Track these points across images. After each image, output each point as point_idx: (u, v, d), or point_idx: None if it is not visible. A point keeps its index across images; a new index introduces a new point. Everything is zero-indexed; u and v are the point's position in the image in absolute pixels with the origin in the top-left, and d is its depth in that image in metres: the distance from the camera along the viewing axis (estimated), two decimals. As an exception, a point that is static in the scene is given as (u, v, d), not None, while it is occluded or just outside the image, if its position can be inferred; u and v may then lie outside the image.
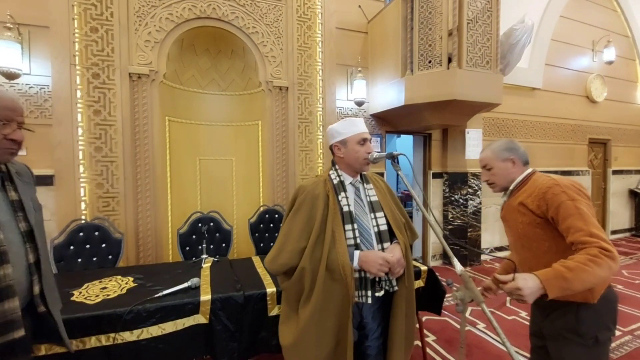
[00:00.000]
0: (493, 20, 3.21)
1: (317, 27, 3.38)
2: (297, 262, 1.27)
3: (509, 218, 1.32)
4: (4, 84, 2.65)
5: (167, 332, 1.50)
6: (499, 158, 1.30)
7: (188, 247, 2.63)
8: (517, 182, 1.28)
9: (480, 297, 0.81)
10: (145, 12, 2.77)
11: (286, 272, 1.31)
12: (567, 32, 5.31)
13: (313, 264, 1.25)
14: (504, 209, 1.35)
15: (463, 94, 3.10)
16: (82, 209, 2.58)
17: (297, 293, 1.30)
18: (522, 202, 1.23)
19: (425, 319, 2.74)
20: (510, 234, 1.36)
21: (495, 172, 1.32)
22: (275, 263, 1.31)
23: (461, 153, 4.29)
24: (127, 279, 1.84)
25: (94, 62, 2.61)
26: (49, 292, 1.08)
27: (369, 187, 1.44)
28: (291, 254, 1.28)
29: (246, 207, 3.27)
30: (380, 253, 1.28)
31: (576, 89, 5.53)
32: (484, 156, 1.35)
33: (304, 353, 1.27)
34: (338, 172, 1.41)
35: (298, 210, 1.34)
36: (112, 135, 2.66)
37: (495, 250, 4.85)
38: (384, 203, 1.43)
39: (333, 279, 1.24)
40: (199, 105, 3.29)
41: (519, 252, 1.32)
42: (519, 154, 1.29)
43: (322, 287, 1.23)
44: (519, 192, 1.27)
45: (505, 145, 1.32)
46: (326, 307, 1.23)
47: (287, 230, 1.34)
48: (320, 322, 1.24)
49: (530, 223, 1.19)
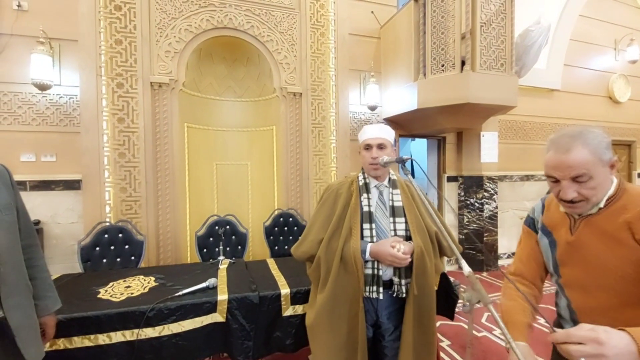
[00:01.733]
0: (507, 22, 3.18)
1: (330, 34, 3.44)
2: (315, 251, 1.39)
3: (589, 245, 0.89)
4: (37, 94, 2.84)
5: (187, 329, 1.57)
6: (602, 161, 0.83)
7: (205, 249, 2.73)
8: (609, 195, 0.87)
9: (488, 298, 0.82)
10: (166, 23, 2.90)
11: (308, 259, 1.45)
12: (587, 31, 5.17)
13: (328, 255, 1.36)
14: (580, 230, 0.91)
15: (477, 97, 3.08)
16: (106, 212, 2.71)
17: (316, 278, 1.43)
18: (627, 222, 0.82)
19: (440, 324, 2.73)
20: (581, 266, 0.92)
21: (596, 183, 0.83)
22: (298, 250, 1.47)
23: (476, 156, 4.25)
24: (149, 278, 1.93)
25: (118, 72, 2.75)
26: (9, 297, 1.01)
27: (395, 191, 1.45)
28: (311, 244, 1.42)
29: (261, 211, 3.35)
30: (390, 249, 1.28)
31: (598, 90, 5.36)
32: (578, 158, 0.82)
33: (319, 336, 1.38)
34: (364, 175, 1.49)
35: (322, 205, 1.49)
36: (135, 142, 2.79)
37: (513, 255, 4.75)
38: (409, 209, 1.43)
39: (346, 270, 1.33)
40: (216, 112, 3.40)
41: (592, 294, 0.90)
42: None
43: (336, 277, 1.33)
44: (612, 207, 0.86)
45: (603, 139, 0.85)
46: (339, 295, 1.33)
47: (311, 223, 1.49)
48: (333, 310, 1.33)
49: (637, 259, 0.80)
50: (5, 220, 1.04)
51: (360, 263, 1.31)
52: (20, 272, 1.09)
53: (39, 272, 1.21)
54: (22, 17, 2.82)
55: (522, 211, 4.82)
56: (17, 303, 1.04)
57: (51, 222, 2.89)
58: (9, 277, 1.02)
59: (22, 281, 1.09)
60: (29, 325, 1.09)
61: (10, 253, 1.05)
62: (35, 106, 2.85)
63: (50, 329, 1.25)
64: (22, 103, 2.82)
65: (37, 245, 1.23)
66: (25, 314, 1.08)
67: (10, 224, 1.06)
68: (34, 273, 1.17)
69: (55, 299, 1.24)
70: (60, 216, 2.91)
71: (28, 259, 1.14)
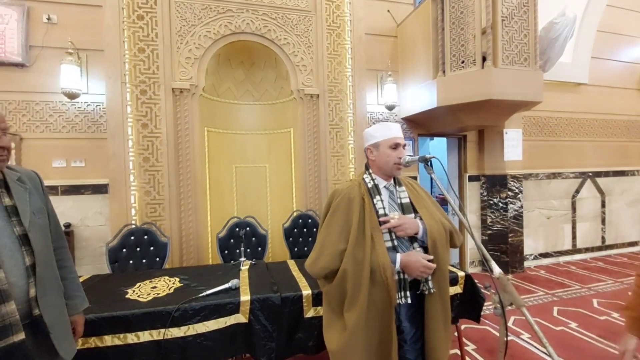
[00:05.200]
0: (530, 15, 3.08)
1: (346, 35, 3.43)
2: (337, 264, 1.30)
3: None
4: (67, 103, 2.97)
5: (211, 329, 1.59)
6: None
7: (227, 251, 2.76)
8: None
9: (520, 300, 0.79)
10: (186, 31, 2.97)
11: (326, 275, 1.33)
12: (616, 21, 4.93)
13: (355, 266, 1.26)
14: None
15: (500, 93, 2.99)
16: (132, 214, 2.80)
17: (340, 295, 1.31)
18: None
19: (465, 328, 2.65)
20: None
21: None
22: (316, 266, 1.34)
23: (499, 155, 4.12)
24: (174, 279, 1.98)
25: (142, 79, 2.85)
26: (44, 296, 1.05)
27: (401, 189, 1.45)
28: (331, 257, 1.31)
29: (280, 212, 3.37)
30: (421, 259, 1.27)
31: (628, 82, 5.10)
32: None
33: (352, 356, 1.26)
34: (372, 176, 1.43)
35: (334, 213, 1.38)
36: (158, 147, 2.87)
37: (539, 257, 4.57)
38: (419, 204, 1.43)
39: (374, 280, 1.25)
40: (234, 116, 3.45)
41: None
42: None
43: (368, 290, 1.24)
44: None
45: None
46: (371, 310, 1.25)
47: (325, 234, 1.37)
48: (367, 326, 1.25)
49: None
50: (39, 223, 1.10)
51: (390, 271, 1.25)
52: (53, 272, 1.14)
53: (69, 273, 1.25)
54: (51, 29, 2.97)
55: (549, 210, 4.64)
56: (51, 302, 1.09)
57: (81, 224, 3.01)
58: (44, 277, 1.07)
59: (55, 281, 1.14)
60: (62, 323, 1.14)
61: (45, 254, 1.09)
62: (65, 114, 2.99)
63: (79, 327, 1.29)
64: (52, 111, 2.96)
65: (65, 247, 1.28)
66: (59, 312, 1.13)
67: (43, 227, 1.12)
68: (64, 274, 1.22)
69: (83, 298, 1.29)
70: (90, 219, 3.03)
71: (58, 260, 1.19)
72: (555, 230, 4.68)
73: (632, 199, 5.14)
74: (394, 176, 1.45)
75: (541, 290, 3.49)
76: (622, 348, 1.00)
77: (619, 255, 4.92)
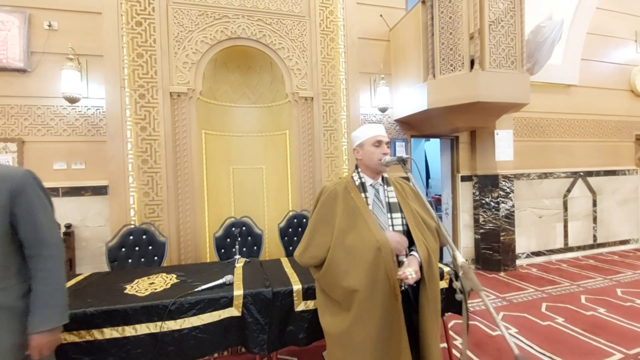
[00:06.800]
0: (517, 20, 3.17)
1: (340, 39, 3.52)
2: (324, 253, 1.41)
3: None
4: (67, 107, 3.06)
5: (206, 322, 1.67)
6: None
7: (223, 250, 2.85)
8: None
9: (479, 286, 0.87)
10: (183, 36, 3.07)
11: (314, 264, 1.44)
12: (605, 23, 5.04)
13: (346, 251, 1.36)
14: None
15: (487, 96, 3.08)
16: (131, 215, 2.88)
17: (332, 280, 1.39)
18: None
19: (454, 323, 2.73)
20: None
21: None
22: (304, 256, 1.46)
23: (491, 155, 4.21)
24: (171, 275, 2.06)
25: (140, 84, 2.93)
26: None
27: (389, 189, 1.53)
28: (319, 247, 1.42)
29: (276, 213, 3.45)
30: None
31: (618, 83, 5.20)
32: None
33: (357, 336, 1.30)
34: (360, 174, 1.54)
35: (321, 207, 1.50)
36: (157, 149, 2.96)
37: (532, 255, 4.66)
38: (404, 205, 1.51)
39: (377, 257, 1.31)
40: (231, 118, 3.54)
41: None
42: None
43: (369, 269, 1.31)
44: None
45: None
46: (375, 287, 1.30)
47: (312, 226, 1.49)
48: (372, 304, 1.30)
49: None
50: None
51: (389, 247, 1.32)
52: None
53: (37, 284, 1.11)
54: (52, 36, 3.06)
55: (541, 209, 4.72)
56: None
57: (81, 225, 3.10)
58: None
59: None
60: None
61: None
62: (66, 118, 3.08)
63: (32, 350, 1.09)
64: (54, 115, 3.05)
65: (42, 256, 1.12)
66: None
67: None
68: (33, 285, 1.12)
69: (46, 316, 1.10)
70: (90, 220, 3.11)
71: (30, 270, 1.11)
72: (547, 229, 4.76)
73: (623, 198, 5.23)
74: (382, 173, 1.54)
75: (531, 287, 3.56)
76: None
77: (610, 253, 5.00)
